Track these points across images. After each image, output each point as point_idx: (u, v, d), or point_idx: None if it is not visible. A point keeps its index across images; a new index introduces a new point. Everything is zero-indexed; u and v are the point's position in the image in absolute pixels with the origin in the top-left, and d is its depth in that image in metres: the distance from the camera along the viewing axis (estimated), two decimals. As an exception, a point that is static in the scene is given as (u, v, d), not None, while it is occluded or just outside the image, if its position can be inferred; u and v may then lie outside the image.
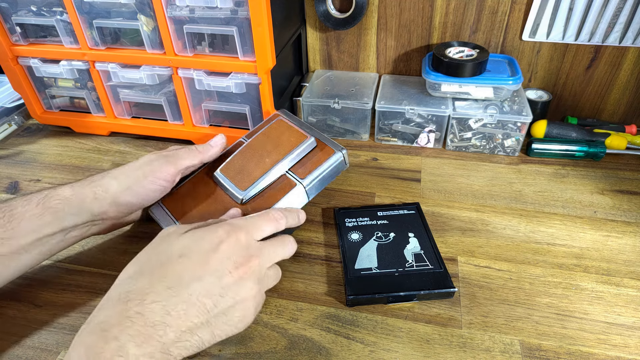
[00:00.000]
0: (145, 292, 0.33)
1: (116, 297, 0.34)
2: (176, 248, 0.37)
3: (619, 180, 0.64)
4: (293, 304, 0.47)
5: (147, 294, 0.33)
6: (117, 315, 0.32)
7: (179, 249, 0.37)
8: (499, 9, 0.71)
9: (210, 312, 0.35)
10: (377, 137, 0.73)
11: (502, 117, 0.66)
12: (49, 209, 0.44)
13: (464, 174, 0.65)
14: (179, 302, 0.34)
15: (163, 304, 0.33)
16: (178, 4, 0.59)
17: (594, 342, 0.43)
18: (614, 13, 0.67)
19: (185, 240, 0.37)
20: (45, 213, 0.43)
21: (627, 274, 0.50)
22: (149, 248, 0.39)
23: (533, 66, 0.75)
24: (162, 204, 0.53)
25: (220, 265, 0.36)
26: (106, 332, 0.30)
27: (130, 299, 0.33)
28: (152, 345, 0.31)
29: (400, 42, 0.78)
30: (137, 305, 0.32)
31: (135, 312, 0.32)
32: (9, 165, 0.70)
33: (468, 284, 0.49)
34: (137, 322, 0.31)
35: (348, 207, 0.58)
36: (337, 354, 0.42)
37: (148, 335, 0.31)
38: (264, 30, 0.57)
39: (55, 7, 0.65)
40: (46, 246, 0.45)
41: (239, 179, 0.51)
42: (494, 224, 0.56)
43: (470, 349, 0.42)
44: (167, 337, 0.32)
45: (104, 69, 0.68)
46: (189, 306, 0.34)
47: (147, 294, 0.33)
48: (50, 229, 0.44)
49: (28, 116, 0.82)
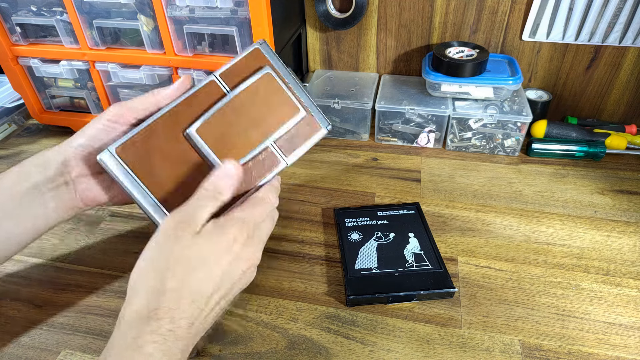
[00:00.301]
0: (173, 309, 0.34)
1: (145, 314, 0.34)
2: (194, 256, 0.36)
3: (619, 180, 0.64)
4: (293, 304, 0.47)
5: (174, 310, 0.34)
6: (150, 330, 0.33)
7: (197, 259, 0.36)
8: (499, 9, 0.71)
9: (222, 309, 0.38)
10: (377, 137, 0.73)
11: (502, 117, 0.66)
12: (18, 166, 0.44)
13: (464, 174, 0.65)
14: (204, 311, 0.36)
15: (190, 320, 0.35)
16: (178, 4, 0.59)
17: (594, 342, 0.43)
18: (614, 13, 0.67)
19: (203, 248, 0.37)
20: (16, 169, 0.44)
21: (627, 274, 0.50)
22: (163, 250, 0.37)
23: (533, 66, 0.75)
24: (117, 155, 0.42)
25: (234, 265, 0.38)
26: (141, 348, 0.33)
27: (160, 317, 0.34)
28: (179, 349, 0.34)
29: (400, 42, 0.78)
30: (168, 323, 0.34)
31: (167, 330, 0.34)
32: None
33: (468, 284, 0.49)
34: (169, 339, 0.33)
35: (348, 207, 0.58)
36: (337, 354, 0.42)
37: (176, 346, 0.34)
38: (264, 30, 0.57)
39: (55, 7, 0.65)
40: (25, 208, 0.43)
41: (219, 149, 0.44)
42: (494, 224, 0.56)
43: (470, 349, 0.42)
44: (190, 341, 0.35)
45: (104, 69, 0.68)
46: (212, 311, 0.37)
47: (175, 311, 0.34)
48: (23, 185, 0.43)
49: (28, 116, 0.82)
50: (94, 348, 0.43)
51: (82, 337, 0.44)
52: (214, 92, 0.45)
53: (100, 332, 0.44)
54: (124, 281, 0.50)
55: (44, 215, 0.44)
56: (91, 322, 0.45)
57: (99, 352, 0.42)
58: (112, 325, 0.45)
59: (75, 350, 0.43)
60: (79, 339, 0.44)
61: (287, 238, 0.55)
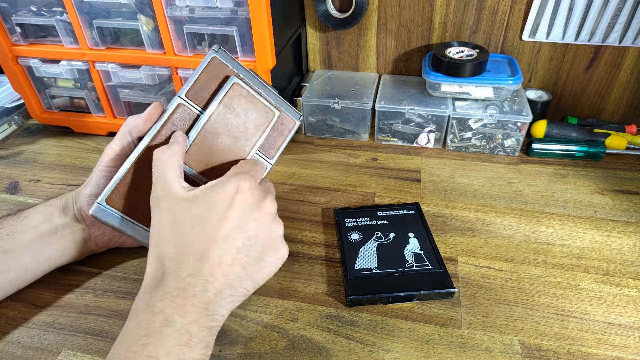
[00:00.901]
0: (177, 268, 0.35)
1: (151, 280, 0.35)
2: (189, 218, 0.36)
3: (619, 180, 0.64)
4: (293, 304, 0.47)
5: (179, 269, 0.35)
6: (160, 293, 0.34)
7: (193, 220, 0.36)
8: (499, 9, 0.71)
9: (246, 264, 0.37)
10: (377, 137, 0.73)
11: (502, 117, 0.66)
12: (47, 206, 0.47)
13: (464, 174, 0.65)
14: (213, 268, 0.35)
15: (198, 275, 0.34)
16: (178, 4, 0.59)
17: (593, 342, 0.43)
18: (614, 13, 0.67)
19: (197, 208, 0.36)
20: (43, 210, 0.47)
21: (627, 274, 0.50)
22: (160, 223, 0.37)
23: (533, 66, 0.75)
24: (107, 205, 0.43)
25: (241, 217, 0.37)
26: (153, 307, 0.33)
27: (166, 277, 0.35)
28: (196, 312, 0.34)
29: (400, 42, 0.78)
30: (174, 281, 0.34)
31: (174, 288, 0.34)
32: (9, 165, 0.70)
33: (468, 284, 0.49)
34: (178, 296, 0.34)
35: (348, 207, 0.58)
36: (337, 354, 0.42)
37: (191, 304, 0.34)
38: (264, 30, 0.57)
39: (55, 7, 0.65)
40: (44, 247, 0.46)
41: (209, 173, 0.44)
42: (494, 224, 0.56)
43: (470, 349, 0.42)
44: (209, 300, 0.35)
45: (104, 69, 0.68)
46: (223, 268, 0.35)
47: (180, 270, 0.35)
48: (46, 225, 0.46)
49: (28, 116, 0.82)
50: (94, 348, 0.43)
51: (82, 338, 0.44)
52: (185, 115, 0.44)
53: (101, 332, 0.44)
54: (124, 281, 0.50)
55: (60, 254, 0.48)
56: (91, 322, 0.45)
57: (99, 352, 0.43)
58: (112, 326, 0.45)
59: (75, 350, 0.43)
60: (79, 340, 0.44)
61: (287, 238, 0.55)
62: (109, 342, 0.43)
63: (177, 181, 0.38)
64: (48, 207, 0.47)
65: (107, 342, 0.43)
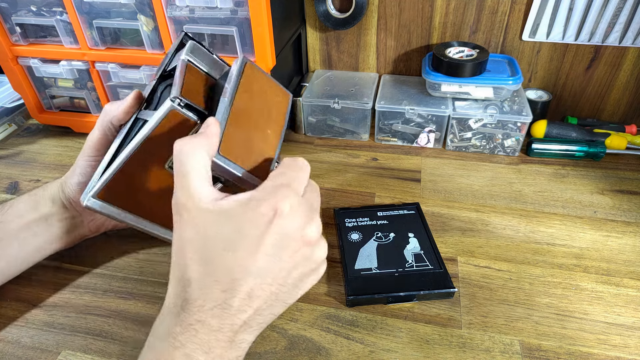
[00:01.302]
0: (200, 298, 0.30)
1: (173, 305, 0.31)
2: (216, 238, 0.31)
3: (619, 180, 0.64)
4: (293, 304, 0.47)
5: (203, 300, 0.30)
6: (181, 324, 0.30)
7: (221, 241, 0.30)
8: (499, 9, 0.71)
9: (280, 293, 0.32)
10: (377, 137, 0.73)
11: (502, 117, 0.66)
12: (31, 195, 0.47)
13: (464, 174, 0.65)
14: (242, 301, 0.30)
15: (224, 307, 0.30)
16: (178, 4, 0.59)
17: (593, 342, 0.43)
18: (614, 13, 0.67)
19: (225, 227, 0.30)
20: (29, 199, 0.47)
21: (627, 274, 0.50)
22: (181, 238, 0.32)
23: (533, 66, 0.75)
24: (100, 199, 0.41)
25: (279, 245, 0.31)
26: (173, 340, 0.30)
27: (188, 305, 0.30)
28: (220, 346, 0.30)
29: (400, 42, 0.78)
30: (196, 313, 0.30)
31: (196, 320, 0.30)
32: (9, 165, 0.70)
33: (468, 284, 0.49)
34: (200, 331, 0.30)
35: (348, 207, 0.58)
36: (337, 354, 0.42)
37: (215, 339, 0.30)
38: (264, 30, 0.57)
39: (55, 7, 0.65)
40: (32, 235, 0.46)
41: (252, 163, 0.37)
42: (493, 224, 0.56)
43: (470, 349, 0.42)
44: (235, 331, 0.31)
45: (103, 69, 0.68)
46: (253, 300, 0.31)
47: (204, 300, 0.30)
48: (32, 214, 0.46)
49: (28, 116, 0.82)
50: (94, 348, 0.43)
51: (82, 338, 0.44)
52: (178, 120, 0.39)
53: (101, 332, 0.44)
54: (124, 281, 0.50)
55: (50, 241, 0.48)
56: (91, 322, 0.45)
57: (99, 352, 0.43)
58: (112, 326, 0.45)
59: (75, 350, 0.43)
60: (79, 340, 0.44)
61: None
62: (108, 342, 0.43)
63: (203, 185, 0.31)
64: (32, 196, 0.47)
65: (107, 342, 0.43)
